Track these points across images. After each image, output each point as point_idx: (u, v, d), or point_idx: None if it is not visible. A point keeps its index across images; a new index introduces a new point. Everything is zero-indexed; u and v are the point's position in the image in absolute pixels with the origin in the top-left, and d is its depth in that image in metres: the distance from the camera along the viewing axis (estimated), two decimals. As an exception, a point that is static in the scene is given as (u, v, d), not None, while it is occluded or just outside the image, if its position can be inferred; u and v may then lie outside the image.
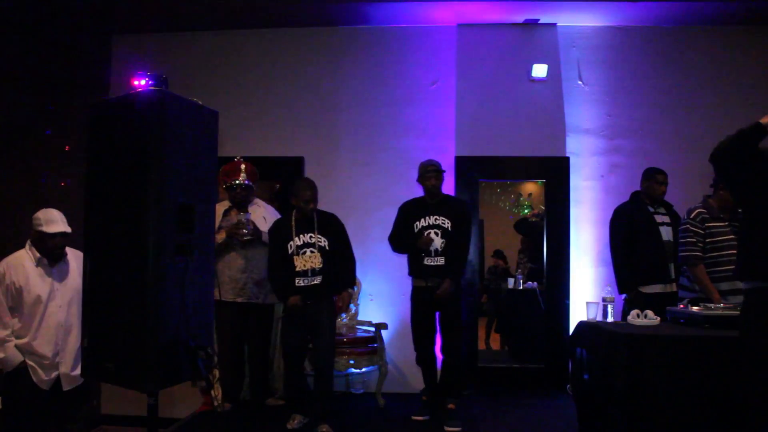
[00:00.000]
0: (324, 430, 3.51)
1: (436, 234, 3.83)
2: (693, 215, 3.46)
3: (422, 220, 3.88)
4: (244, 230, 3.84)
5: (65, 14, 4.59)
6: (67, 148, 4.57)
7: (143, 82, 2.16)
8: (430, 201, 3.92)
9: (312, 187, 3.67)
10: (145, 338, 2.05)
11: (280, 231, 3.70)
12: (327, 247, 3.65)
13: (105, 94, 4.90)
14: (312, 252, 3.61)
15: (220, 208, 4.00)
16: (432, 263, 3.83)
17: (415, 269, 3.91)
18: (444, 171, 3.96)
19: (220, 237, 3.84)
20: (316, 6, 4.72)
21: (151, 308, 2.05)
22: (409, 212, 3.97)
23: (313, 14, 4.85)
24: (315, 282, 3.60)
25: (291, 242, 3.63)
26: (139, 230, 2.08)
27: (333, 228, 3.73)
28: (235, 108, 4.86)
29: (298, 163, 4.96)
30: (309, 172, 4.90)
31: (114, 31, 5.10)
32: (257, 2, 4.66)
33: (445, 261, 3.81)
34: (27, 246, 3.04)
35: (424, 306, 3.88)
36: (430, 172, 3.88)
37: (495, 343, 6.65)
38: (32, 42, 4.44)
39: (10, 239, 4.37)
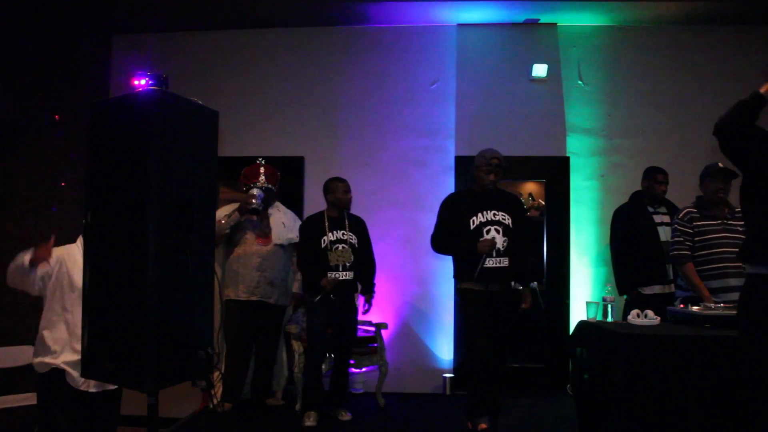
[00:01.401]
0: (344, 414, 3.81)
1: (497, 231, 3.34)
2: (681, 215, 3.44)
3: (479, 215, 3.37)
4: (253, 200, 3.91)
5: (65, 14, 4.60)
6: (69, 151, 4.57)
7: (143, 82, 2.16)
8: (483, 193, 3.41)
9: (344, 180, 3.91)
10: (145, 338, 2.04)
11: (314, 227, 3.83)
12: (356, 245, 3.84)
13: (105, 94, 4.91)
14: (344, 247, 3.77)
15: (229, 209, 4.06)
16: (493, 265, 3.30)
17: (469, 273, 3.32)
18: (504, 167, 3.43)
19: (234, 216, 3.98)
20: (316, 6, 4.72)
21: (151, 308, 2.05)
22: (459, 206, 3.45)
23: (313, 14, 4.85)
24: (347, 277, 3.76)
25: (324, 237, 3.76)
26: (140, 230, 2.08)
27: (360, 228, 3.94)
28: (235, 108, 4.86)
29: (298, 163, 4.96)
30: (309, 172, 4.90)
31: (114, 31, 5.11)
32: (257, 2, 4.66)
33: (510, 263, 3.34)
34: (78, 243, 2.96)
35: (482, 309, 3.31)
36: (492, 166, 3.34)
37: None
38: (32, 42, 4.44)
39: (10, 239, 4.39)
